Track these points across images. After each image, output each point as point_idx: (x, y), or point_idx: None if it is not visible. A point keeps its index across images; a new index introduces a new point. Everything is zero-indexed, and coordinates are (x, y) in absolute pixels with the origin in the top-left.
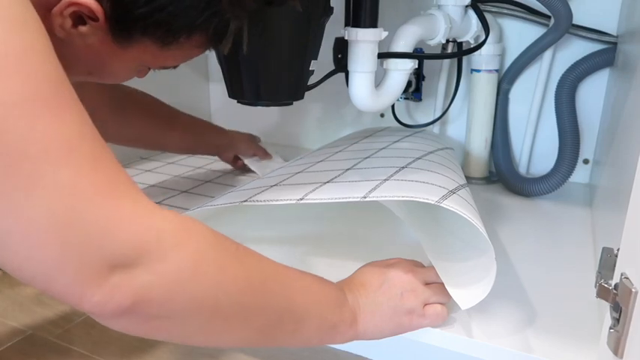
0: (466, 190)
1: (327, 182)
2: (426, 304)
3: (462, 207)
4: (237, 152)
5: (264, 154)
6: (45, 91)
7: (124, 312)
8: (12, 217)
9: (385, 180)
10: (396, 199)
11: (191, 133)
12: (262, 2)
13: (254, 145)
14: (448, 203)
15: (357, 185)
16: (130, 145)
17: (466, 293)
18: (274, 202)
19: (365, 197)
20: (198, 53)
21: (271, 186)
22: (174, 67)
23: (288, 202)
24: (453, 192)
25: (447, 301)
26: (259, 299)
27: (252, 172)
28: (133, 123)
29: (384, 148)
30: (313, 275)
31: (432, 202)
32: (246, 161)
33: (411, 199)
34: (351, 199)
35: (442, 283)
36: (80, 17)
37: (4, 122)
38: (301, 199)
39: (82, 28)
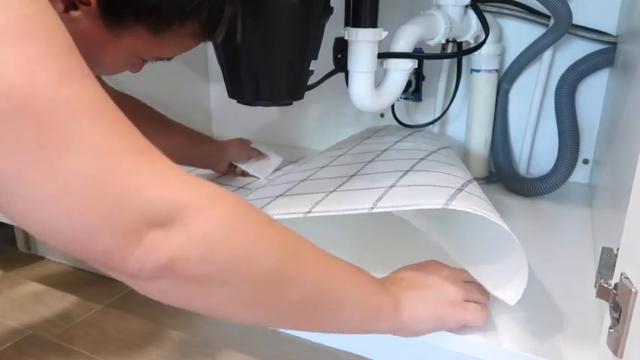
0: (474, 185)
1: (333, 191)
2: (466, 300)
3: (471, 203)
4: (230, 159)
5: (259, 155)
6: (66, 58)
7: (162, 271)
8: (46, 182)
9: (391, 187)
10: (403, 209)
11: (179, 145)
12: None
13: (246, 149)
14: (456, 203)
15: (363, 194)
16: None
17: (508, 289)
18: (280, 216)
19: (373, 208)
20: (193, 44)
21: (277, 197)
22: (169, 58)
23: (296, 215)
24: (460, 190)
25: (486, 300)
26: (296, 268)
27: (252, 175)
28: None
29: (386, 150)
30: (351, 264)
31: (440, 207)
32: (243, 166)
33: (418, 207)
34: (358, 211)
35: (479, 284)
36: (72, 2)
37: (31, 86)
38: (309, 212)
39: (74, 13)
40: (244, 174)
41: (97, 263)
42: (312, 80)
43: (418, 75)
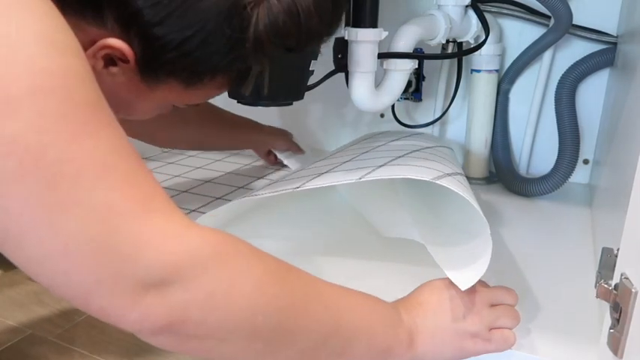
0: (463, 178)
1: (324, 173)
2: (492, 328)
3: (455, 185)
4: (271, 147)
5: (298, 149)
6: (82, 110)
7: (161, 331)
8: (47, 241)
9: (381, 166)
10: (390, 177)
11: (227, 131)
12: (284, 49)
13: (288, 141)
14: (442, 182)
15: (353, 171)
16: (171, 147)
17: (465, 274)
18: (270, 194)
19: (361, 178)
20: (220, 92)
21: (273, 182)
22: (197, 105)
23: (285, 191)
24: (448, 175)
25: (515, 325)
26: (302, 320)
27: (286, 166)
28: (176, 125)
29: (382, 145)
30: (363, 293)
31: (428, 180)
32: (280, 156)
33: (405, 176)
34: (347, 182)
35: (509, 305)
36: (111, 59)
37: (41, 145)
38: (298, 188)
39: (113, 69)
40: (279, 163)
41: (98, 318)
42: (312, 80)
43: (418, 75)
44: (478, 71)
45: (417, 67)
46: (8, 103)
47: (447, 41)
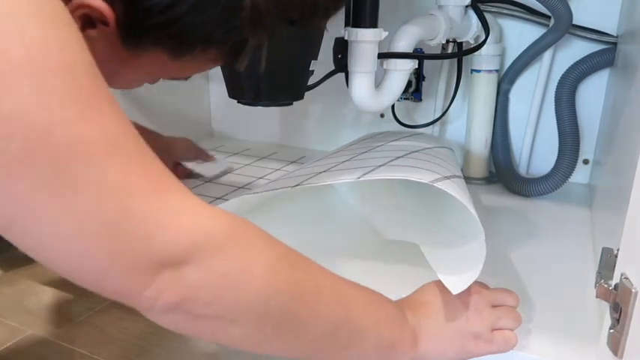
0: (461, 181)
1: (323, 172)
2: (493, 329)
3: (453, 189)
4: (176, 158)
5: (207, 156)
6: (86, 86)
7: (173, 308)
8: (62, 219)
9: (380, 166)
10: (388, 177)
11: None
12: (285, 21)
13: (194, 148)
14: (441, 184)
15: (352, 171)
16: None
17: (457, 278)
18: (268, 192)
19: (359, 178)
20: (212, 66)
21: (272, 181)
22: (186, 78)
23: (283, 189)
24: (447, 178)
25: (516, 326)
26: (312, 308)
27: (198, 174)
28: None
29: (381, 145)
30: (370, 289)
31: (426, 182)
32: (190, 165)
33: (404, 178)
34: (345, 181)
35: (511, 307)
36: (90, 20)
37: (47, 124)
38: (297, 185)
39: (91, 32)
40: (189, 174)
41: (110, 297)
42: (312, 80)
43: (418, 75)
44: (478, 71)
45: (417, 67)
46: (3, 77)
47: (447, 41)
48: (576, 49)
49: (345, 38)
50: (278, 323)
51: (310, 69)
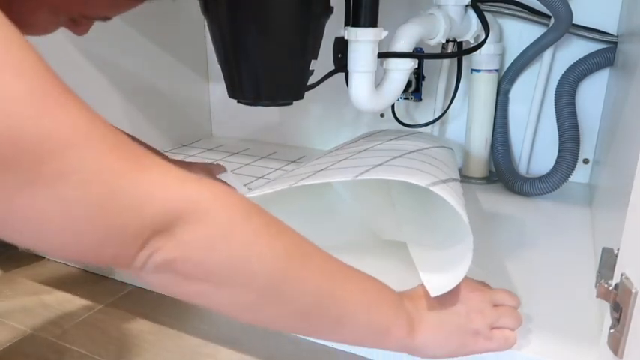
0: (457, 184)
1: (320, 170)
2: (493, 327)
3: (448, 194)
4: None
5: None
6: (43, 81)
7: (163, 267)
8: (50, 209)
9: (377, 165)
10: (385, 178)
11: None
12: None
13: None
14: (436, 189)
15: (350, 169)
16: None
17: (438, 280)
18: (263, 192)
19: (357, 177)
20: (125, 3)
21: (270, 181)
22: (105, 19)
23: (279, 188)
24: (443, 181)
25: (517, 326)
26: (297, 276)
27: None
28: None
29: (380, 144)
30: (364, 272)
31: (422, 185)
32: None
33: (401, 179)
34: (342, 179)
35: (512, 307)
36: None
37: (13, 120)
38: (293, 184)
39: None
40: None
41: (104, 265)
42: (312, 80)
43: (418, 75)
44: (478, 71)
45: (417, 66)
46: None
47: (447, 41)
48: (576, 49)
49: (345, 38)
50: (262, 289)
51: (310, 69)
